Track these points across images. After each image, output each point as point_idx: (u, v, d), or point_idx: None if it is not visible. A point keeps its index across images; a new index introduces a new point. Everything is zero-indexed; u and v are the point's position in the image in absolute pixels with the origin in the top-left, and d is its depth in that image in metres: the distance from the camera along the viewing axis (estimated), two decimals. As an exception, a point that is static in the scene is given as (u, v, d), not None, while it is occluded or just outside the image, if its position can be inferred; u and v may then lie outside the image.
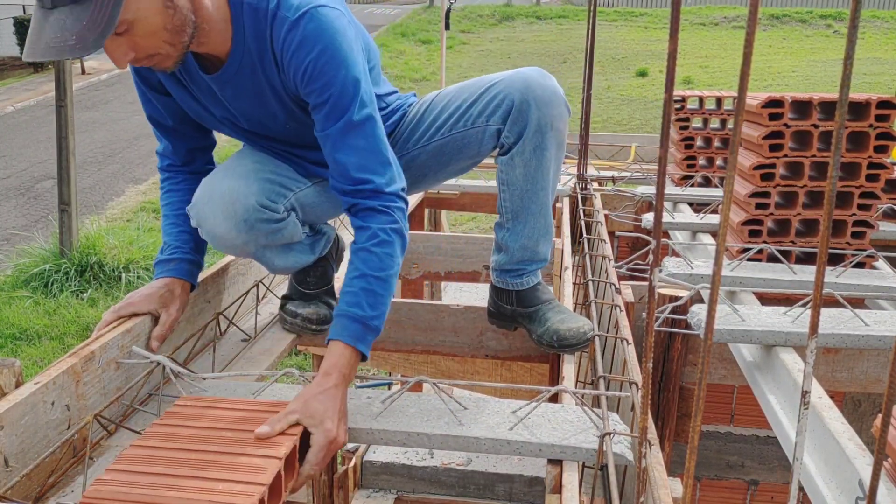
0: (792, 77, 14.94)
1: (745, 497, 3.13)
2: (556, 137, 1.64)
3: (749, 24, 0.65)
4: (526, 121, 1.60)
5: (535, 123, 1.60)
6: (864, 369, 1.93)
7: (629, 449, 1.23)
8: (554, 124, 1.62)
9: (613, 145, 4.51)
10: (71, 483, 1.20)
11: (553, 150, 1.65)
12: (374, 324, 1.40)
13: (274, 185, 1.56)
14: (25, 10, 18.83)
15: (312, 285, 1.80)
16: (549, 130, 1.62)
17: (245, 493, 1.04)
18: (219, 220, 1.50)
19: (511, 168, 1.64)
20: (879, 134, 2.17)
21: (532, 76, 1.62)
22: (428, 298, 4.06)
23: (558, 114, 1.62)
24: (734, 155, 0.68)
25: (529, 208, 1.68)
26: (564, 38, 19.63)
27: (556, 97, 1.62)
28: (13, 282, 6.10)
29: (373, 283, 1.41)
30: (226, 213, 1.49)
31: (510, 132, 1.63)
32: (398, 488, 2.84)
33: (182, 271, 1.60)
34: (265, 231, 1.54)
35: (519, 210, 1.69)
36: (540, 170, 1.65)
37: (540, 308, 1.72)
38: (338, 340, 1.37)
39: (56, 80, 5.95)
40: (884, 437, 0.66)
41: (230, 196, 1.50)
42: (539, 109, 1.60)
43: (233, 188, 1.50)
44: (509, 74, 1.65)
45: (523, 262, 1.74)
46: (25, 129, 12.14)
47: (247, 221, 1.50)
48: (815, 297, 0.69)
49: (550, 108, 1.61)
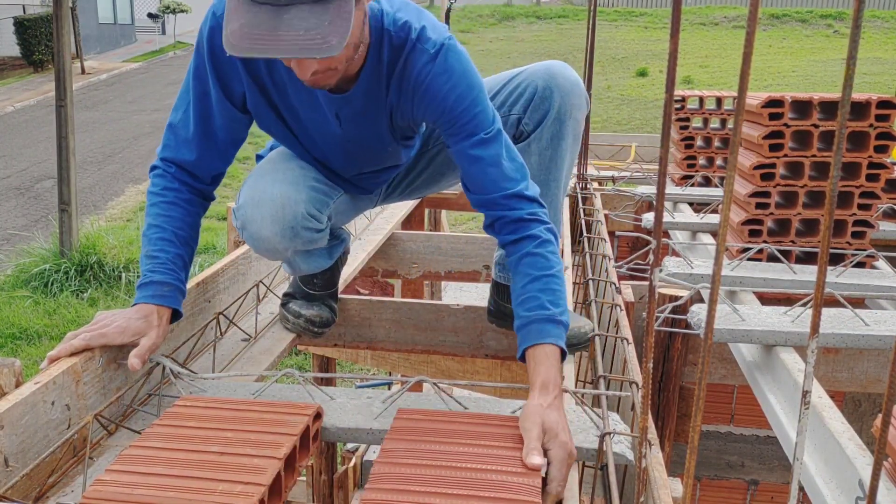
0: (792, 77, 14.94)
1: (745, 497, 3.13)
2: (574, 128, 1.67)
3: (749, 24, 0.65)
4: (548, 107, 1.63)
5: (555, 110, 1.63)
6: (865, 369, 1.93)
7: (629, 449, 1.23)
8: (573, 113, 1.65)
9: (613, 145, 4.51)
10: (71, 483, 1.20)
11: (570, 139, 1.67)
12: (563, 318, 1.36)
13: (319, 193, 1.56)
14: (25, 10, 18.82)
15: (319, 287, 1.80)
16: (568, 119, 1.64)
17: (245, 494, 1.04)
18: (266, 224, 1.48)
19: (527, 155, 1.66)
20: (879, 134, 2.17)
21: (556, 66, 1.66)
22: (428, 298, 4.06)
23: (578, 104, 1.65)
24: (734, 155, 0.68)
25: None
26: (564, 38, 19.63)
27: (578, 87, 1.65)
28: (13, 282, 6.10)
29: (549, 283, 1.39)
30: (274, 218, 1.48)
31: (530, 119, 1.65)
32: (398, 488, 2.83)
33: (172, 299, 1.44)
34: (307, 239, 1.54)
35: None
36: (555, 160, 1.67)
37: (541, 307, 1.71)
38: (540, 345, 1.32)
39: (56, 80, 5.95)
40: (884, 437, 0.66)
41: (280, 202, 1.48)
42: (561, 97, 1.62)
43: (284, 194, 1.49)
44: (532, 66, 1.68)
45: None
46: (25, 129, 12.14)
47: (293, 228, 1.49)
48: (816, 297, 0.69)
49: (572, 96, 1.63)
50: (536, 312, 1.35)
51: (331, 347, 2.05)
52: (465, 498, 1.04)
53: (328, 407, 1.34)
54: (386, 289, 4.40)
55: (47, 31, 17.28)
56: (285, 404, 1.29)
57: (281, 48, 1.16)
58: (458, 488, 1.06)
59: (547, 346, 1.31)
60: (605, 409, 1.29)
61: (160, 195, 1.51)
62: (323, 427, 1.29)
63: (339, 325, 2.01)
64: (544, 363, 1.30)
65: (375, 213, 2.80)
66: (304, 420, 1.23)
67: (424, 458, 1.13)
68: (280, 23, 1.16)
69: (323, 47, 1.16)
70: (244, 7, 1.17)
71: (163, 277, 1.43)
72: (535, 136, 1.65)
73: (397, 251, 2.71)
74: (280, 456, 1.13)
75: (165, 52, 21.97)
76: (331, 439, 1.31)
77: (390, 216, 2.82)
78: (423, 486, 1.06)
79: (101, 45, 22.33)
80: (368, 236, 2.55)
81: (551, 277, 1.39)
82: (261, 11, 1.16)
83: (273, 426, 1.22)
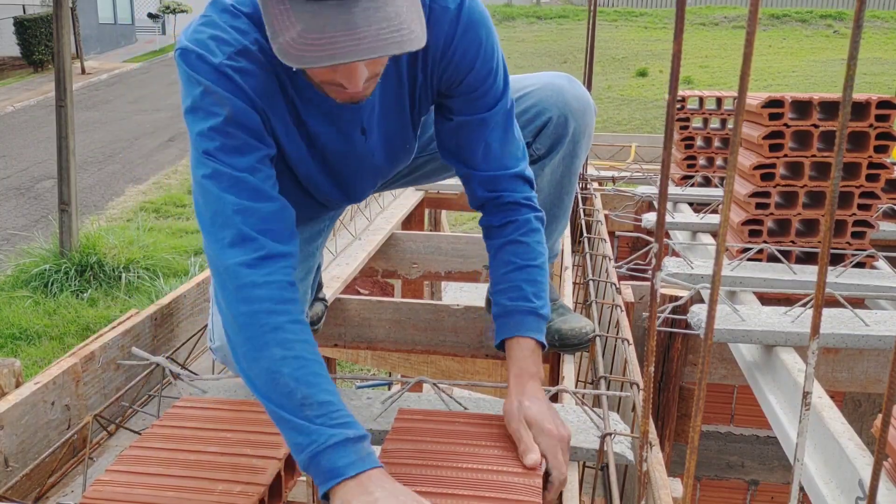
0: (792, 77, 14.95)
1: (745, 497, 3.13)
2: (587, 143, 1.63)
3: (749, 24, 0.65)
4: (563, 133, 1.56)
5: (570, 135, 1.57)
6: (865, 369, 1.93)
7: (630, 449, 1.23)
8: (587, 132, 1.60)
9: (613, 145, 4.51)
10: (71, 483, 1.20)
11: (582, 154, 1.63)
12: (544, 312, 1.33)
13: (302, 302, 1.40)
14: (25, 10, 18.83)
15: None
16: (582, 139, 1.59)
17: (245, 494, 1.04)
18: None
19: (540, 177, 1.59)
20: (879, 134, 2.17)
21: (565, 87, 1.56)
22: (428, 298, 4.06)
23: (591, 121, 1.60)
24: (734, 155, 0.68)
25: (553, 212, 1.65)
26: (564, 38, 19.64)
27: (589, 106, 1.59)
28: (13, 282, 6.10)
29: (533, 273, 1.34)
30: None
31: (541, 144, 1.57)
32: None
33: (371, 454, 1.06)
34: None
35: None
36: (567, 175, 1.63)
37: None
38: (518, 337, 1.28)
39: (56, 80, 5.95)
40: (884, 437, 0.66)
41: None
42: (576, 121, 1.56)
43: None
44: (540, 85, 1.57)
45: None
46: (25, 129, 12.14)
47: None
48: (816, 297, 0.69)
49: (585, 116, 1.57)
50: (519, 304, 1.31)
51: (331, 347, 2.05)
52: (467, 498, 1.04)
53: (328, 407, 1.34)
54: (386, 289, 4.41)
55: (47, 31, 17.28)
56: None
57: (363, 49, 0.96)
58: (460, 489, 1.06)
59: (525, 339, 1.29)
60: (605, 409, 1.29)
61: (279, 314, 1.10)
62: (323, 427, 1.29)
63: (339, 325, 2.01)
64: (520, 353, 1.28)
65: (375, 213, 2.80)
66: (304, 420, 1.23)
67: (425, 458, 1.13)
68: (353, 17, 0.96)
69: (412, 39, 0.99)
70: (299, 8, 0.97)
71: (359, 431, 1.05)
72: (549, 160, 1.59)
73: (397, 251, 2.71)
74: (280, 456, 1.13)
75: (166, 52, 21.97)
76: (331, 440, 1.31)
77: (390, 216, 2.82)
78: (424, 486, 1.06)
79: (101, 45, 22.33)
80: (368, 236, 2.55)
81: (535, 268, 1.35)
82: (324, 9, 0.96)
83: (273, 427, 1.21)
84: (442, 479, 1.08)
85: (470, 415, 1.29)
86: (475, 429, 1.22)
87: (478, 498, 1.04)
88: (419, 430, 1.22)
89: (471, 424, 1.24)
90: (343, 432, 1.01)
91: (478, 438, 1.19)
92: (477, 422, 1.25)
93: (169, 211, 8.47)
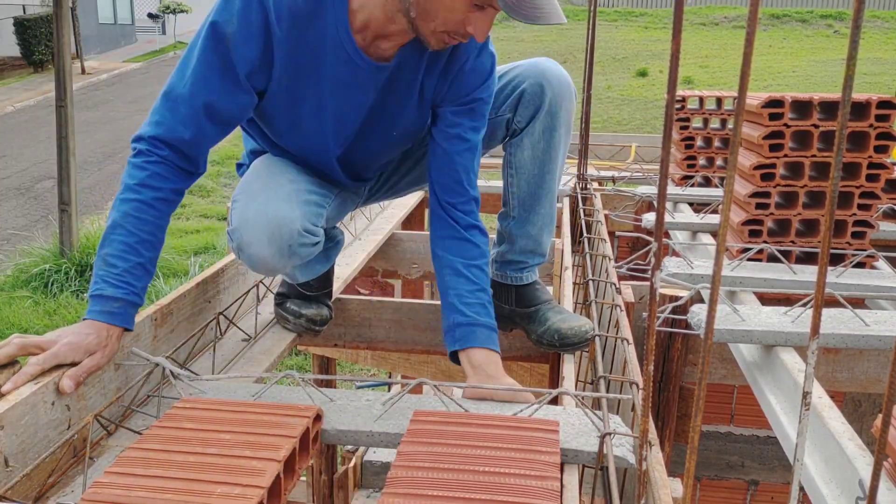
0: (792, 77, 14.95)
1: (745, 497, 3.13)
2: (566, 119, 1.69)
3: (749, 24, 0.65)
4: (539, 102, 1.66)
5: (547, 104, 1.66)
6: (865, 369, 1.93)
7: (630, 451, 1.22)
8: (564, 105, 1.67)
9: (613, 145, 4.50)
10: (71, 483, 1.20)
11: (562, 131, 1.69)
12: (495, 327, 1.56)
13: (312, 206, 1.54)
14: (25, 10, 18.83)
15: (315, 288, 1.80)
16: (559, 111, 1.67)
17: (244, 496, 1.04)
18: (263, 245, 1.46)
19: (520, 150, 1.69)
20: (879, 134, 2.17)
21: (544, 61, 1.69)
22: (428, 298, 4.06)
23: (569, 96, 1.69)
24: (734, 155, 0.68)
25: (537, 193, 1.72)
26: (564, 38, 19.63)
27: (567, 80, 1.69)
28: (13, 282, 6.11)
29: (488, 296, 1.57)
30: (271, 239, 1.46)
31: (521, 116, 1.68)
32: (398, 488, 2.83)
33: (125, 317, 1.34)
34: (304, 254, 1.53)
35: (526, 196, 1.73)
36: (549, 152, 1.69)
37: (540, 308, 1.72)
38: (484, 349, 1.51)
39: (56, 80, 5.95)
40: (884, 437, 0.66)
41: (276, 222, 1.45)
42: (552, 90, 1.65)
43: (278, 214, 1.46)
44: (520, 65, 1.71)
45: (526, 254, 1.75)
46: (25, 129, 12.14)
47: (291, 247, 1.48)
48: (816, 297, 0.69)
49: (562, 88, 1.67)
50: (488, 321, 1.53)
51: (331, 348, 2.05)
52: (484, 502, 1.03)
53: (328, 409, 1.34)
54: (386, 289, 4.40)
55: (47, 31, 17.28)
56: (285, 406, 1.29)
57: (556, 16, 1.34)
58: (477, 492, 1.06)
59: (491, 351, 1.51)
60: (605, 410, 1.29)
61: (135, 191, 1.38)
62: (323, 429, 1.29)
63: (339, 325, 2.01)
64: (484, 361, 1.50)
65: (375, 213, 2.80)
66: (303, 422, 1.23)
67: (442, 461, 1.13)
68: None
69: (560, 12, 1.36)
70: None
71: (115, 291, 1.33)
72: (528, 130, 1.68)
73: (397, 251, 2.70)
74: (279, 458, 1.13)
75: (166, 52, 21.97)
76: (331, 441, 1.31)
77: (390, 216, 2.82)
78: (440, 489, 1.06)
79: (101, 45, 22.34)
80: (368, 236, 2.54)
81: (489, 293, 1.57)
82: None
83: (273, 428, 1.21)
84: (458, 483, 1.08)
85: (487, 416, 1.29)
86: (492, 431, 1.22)
87: (495, 502, 1.04)
88: (435, 432, 1.22)
89: (487, 427, 1.24)
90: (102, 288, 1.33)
91: (494, 440, 1.19)
92: (493, 424, 1.25)
93: (169, 211, 8.44)
